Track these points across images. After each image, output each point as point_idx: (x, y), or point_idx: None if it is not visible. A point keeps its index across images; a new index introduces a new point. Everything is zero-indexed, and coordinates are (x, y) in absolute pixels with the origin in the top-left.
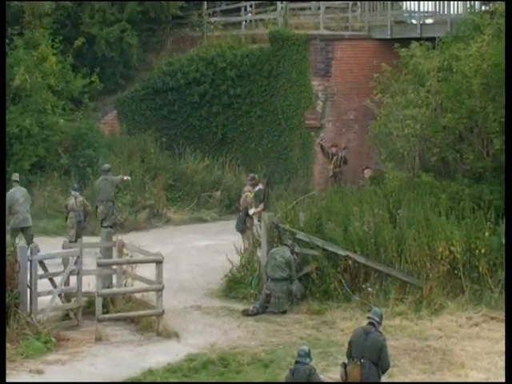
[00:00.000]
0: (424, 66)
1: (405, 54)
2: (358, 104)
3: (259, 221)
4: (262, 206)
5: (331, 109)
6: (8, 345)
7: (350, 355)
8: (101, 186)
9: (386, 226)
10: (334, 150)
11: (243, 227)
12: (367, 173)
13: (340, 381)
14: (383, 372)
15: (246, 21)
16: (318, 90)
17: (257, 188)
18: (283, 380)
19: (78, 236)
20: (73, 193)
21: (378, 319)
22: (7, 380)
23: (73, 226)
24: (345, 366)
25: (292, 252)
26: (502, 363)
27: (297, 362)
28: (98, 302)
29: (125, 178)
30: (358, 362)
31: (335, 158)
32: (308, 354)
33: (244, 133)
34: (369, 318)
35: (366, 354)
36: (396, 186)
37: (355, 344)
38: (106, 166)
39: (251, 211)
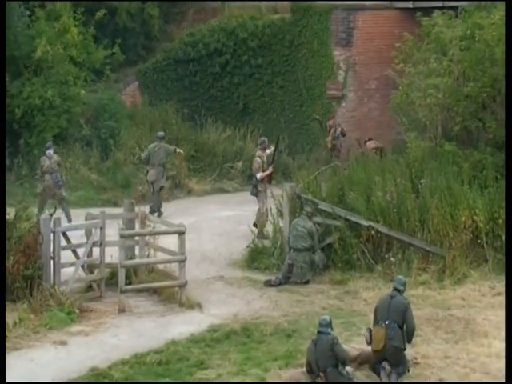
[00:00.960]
0: (446, 34)
1: (427, 23)
2: (380, 74)
3: (270, 183)
4: (270, 169)
5: (353, 78)
6: (32, 316)
7: (375, 320)
8: (154, 152)
9: (409, 195)
10: (330, 122)
11: (256, 191)
12: (370, 145)
13: (363, 349)
14: (409, 335)
15: None
16: (340, 59)
17: (268, 151)
18: (305, 350)
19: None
20: (47, 153)
21: (401, 287)
22: (31, 351)
23: (50, 189)
24: (370, 331)
25: (309, 218)
26: None
27: (319, 333)
28: (121, 274)
29: (178, 150)
30: (383, 325)
31: (332, 130)
32: (329, 324)
33: (265, 103)
34: (393, 287)
35: (391, 316)
36: (418, 156)
37: (380, 308)
38: (161, 133)
39: (258, 175)
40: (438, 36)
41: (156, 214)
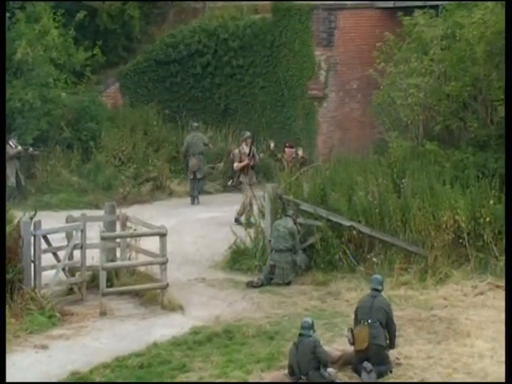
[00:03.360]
0: (427, 34)
1: (408, 22)
2: (361, 73)
3: (245, 175)
4: (246, 160)
5: (334, 78)
6: (12, 320)
7: (356, 320)
8: (192, 142)
9: (391, 195)
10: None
11: (238, 183)
12: (288, 152)
13: (345, 350)
14: (391, 336)
15: None
16: (321, 59)
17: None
18: (287, 352)
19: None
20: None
21: (379, 286)
22: (12, 355)
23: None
24: (351, 331)
25: (294, 222)
26: None
27: (300, 335)
28: (102, 276)
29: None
30: (366, 323)
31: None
32: (311, 326)
33: (247, 104)
34: (372, 288)
35: (374, 315)
36: (400, 156)
37: (362, 308)
38: (195, 124)
39: (235, 165)
40: (419, 35)
41: (196, 202)
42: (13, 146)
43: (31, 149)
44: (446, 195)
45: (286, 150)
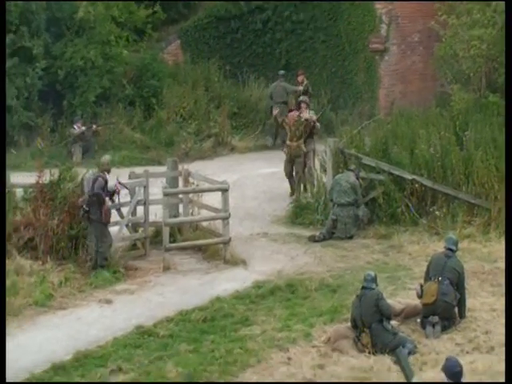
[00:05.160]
0: None
1: None
2: (423, 26)
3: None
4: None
5: (395, 31)
6: (77, 275)
7: (427, 276)
8: (275, 91)
9: (453, 148)
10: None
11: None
12: (291, 116)
13: (408, 303)
14: (461, 299)
15: None
16: (382, 13)
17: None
18: (350, 305)
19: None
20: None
21: (454, 246)
22: (77, 310)
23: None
24: (421, 286)
25: (357, 177)
26: None
27: (363, 288)
28: (165, 232)
29: (299, 88)
30: (436, 280)
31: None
32: (374, 279)
33: (308, 58)
34: (446, 247)
35: (445, 274)
36: (462, 108)
37: (434, 265)
38: (281, 71)
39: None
40: None
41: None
42: (76, 128)
43: (94, 126)
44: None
45: (289, 113)
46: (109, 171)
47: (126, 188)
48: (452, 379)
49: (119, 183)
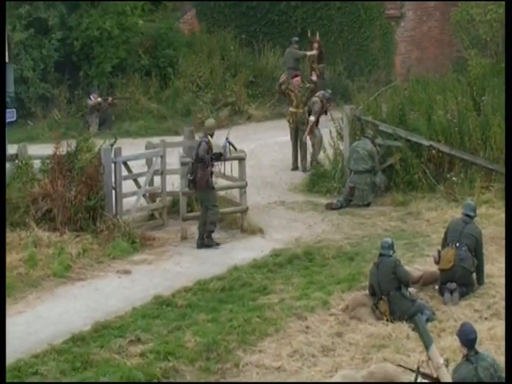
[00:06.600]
0: None
1: None
2: None
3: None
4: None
5: None
6: (95, 246)
7: (444, 242)
8: (286, 57)
9: (470, 113)
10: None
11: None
12: (296, 82)
13: (426, 269)
14: (479, 265)
15: None
16: None
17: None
18: (368, 273)
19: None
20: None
21: (472, 212)
22: (95, 281)
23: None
24: (439, 252)
25: (373, 143)
26: None
27: (380, 255)
28: (183, 201)
29: (308, 53)
30: (454, 246)
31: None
32: (391, 246)
33: (323, 26)
34: (464, 213)
35: (463, 239)
36: (479, 73)
37: (452, 231)
38: (295, 38)
39: (311, 118)
40: None
41: None
42: (93, 99)
43: (110, 98)
44: None
45: (294, 79)
46: (212, 135)
47: (234, 148)
48: (466, 345)
49: (229, 143)
